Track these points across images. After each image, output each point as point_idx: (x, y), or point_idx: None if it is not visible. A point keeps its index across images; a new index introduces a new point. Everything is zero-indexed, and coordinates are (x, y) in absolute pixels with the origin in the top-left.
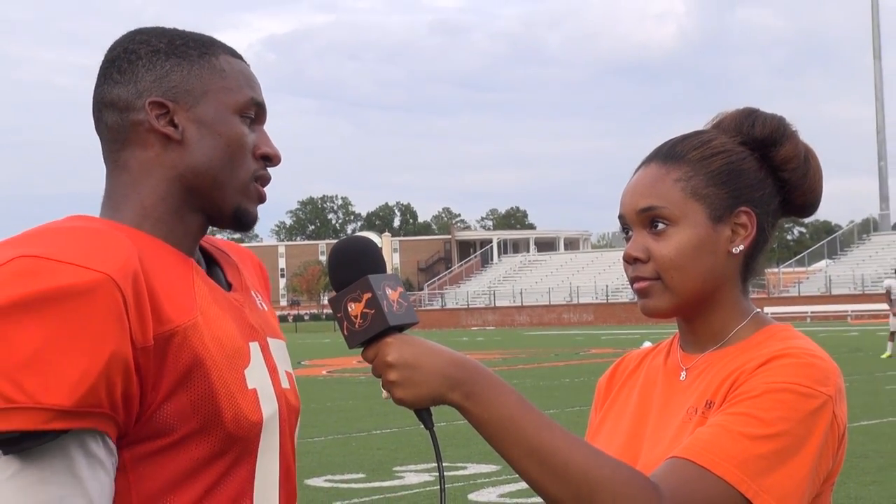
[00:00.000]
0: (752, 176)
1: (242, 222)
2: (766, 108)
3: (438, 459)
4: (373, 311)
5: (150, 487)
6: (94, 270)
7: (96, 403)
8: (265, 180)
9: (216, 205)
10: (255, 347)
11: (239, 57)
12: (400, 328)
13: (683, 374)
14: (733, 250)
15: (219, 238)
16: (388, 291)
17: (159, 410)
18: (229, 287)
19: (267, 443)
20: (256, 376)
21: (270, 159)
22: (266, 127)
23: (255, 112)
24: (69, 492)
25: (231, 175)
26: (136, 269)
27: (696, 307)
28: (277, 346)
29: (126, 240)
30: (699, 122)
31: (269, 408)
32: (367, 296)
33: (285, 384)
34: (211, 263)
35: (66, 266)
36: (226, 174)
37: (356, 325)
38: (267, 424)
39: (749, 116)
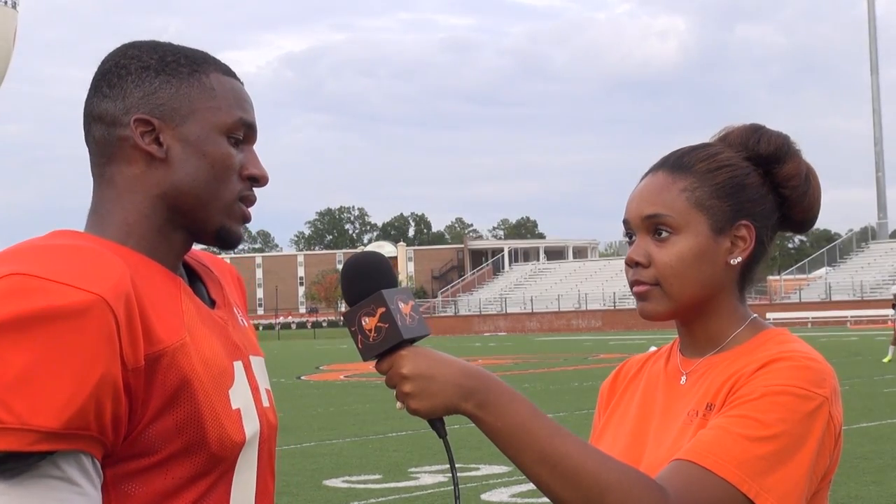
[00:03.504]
0: (755, 191)
1: (226, 242)
2: (765, 122)
3: (452, 468)
4: (387, 325)
5: None
6: (86, 291)
7: (84, 426)
8: (250, 201)
9: (199, 224)
10: (238, 367)
11: (232, 75)
12: (412, 340)
13: (684, 378)
14: (731, 261)
15: (198, 250)
16: (401, 305)
17: (145, 431)
18: (213, 304)
19: (245, 461)
20: (240, 396)
21: (258, 180)
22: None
23: (243, 133)
24: (70, 497)
25: (215, 195)
26: (127, 289)
27: (693, 313)
28: (258, 364)
29: (118, 260)
30: (699, 135)
31: (251, 427)
32: (381, 310)
33: (265, 402)
34: (193, 279)
35: (58, 286)
36: (209, 194)
37: (370, 339)
38: (248, 444)
39: (755, 133)
